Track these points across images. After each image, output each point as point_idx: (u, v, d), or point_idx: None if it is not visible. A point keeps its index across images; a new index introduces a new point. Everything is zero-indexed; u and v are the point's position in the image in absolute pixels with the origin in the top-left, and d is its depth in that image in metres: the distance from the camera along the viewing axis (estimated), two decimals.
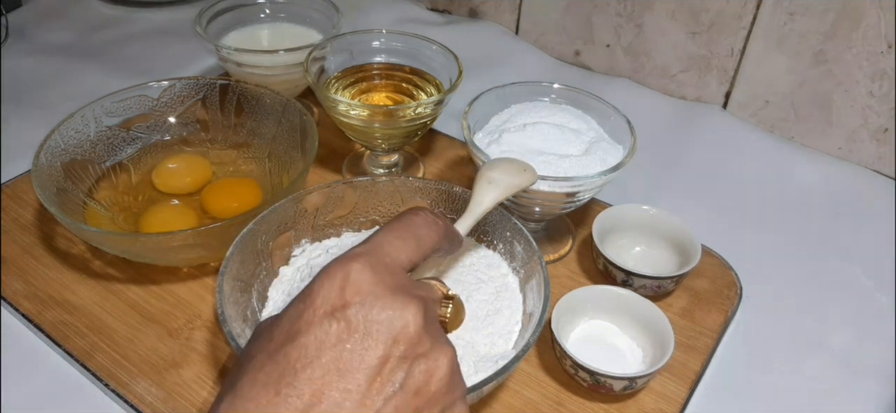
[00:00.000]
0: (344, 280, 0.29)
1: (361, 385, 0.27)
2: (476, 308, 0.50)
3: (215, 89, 0.67)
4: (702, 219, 0.65)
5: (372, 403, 0.27)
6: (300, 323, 0.28)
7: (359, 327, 0.28)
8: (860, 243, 0.67)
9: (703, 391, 0.52)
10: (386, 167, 0.71)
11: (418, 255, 0.33)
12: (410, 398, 0.28)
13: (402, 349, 0.28)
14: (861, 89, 0.72)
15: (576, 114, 0.62)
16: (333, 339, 0.28)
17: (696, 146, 0.78)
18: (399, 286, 0.30)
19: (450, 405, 0.30)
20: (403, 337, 0.28)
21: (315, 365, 0.27)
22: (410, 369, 0.28)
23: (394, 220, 0.34)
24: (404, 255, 0.32)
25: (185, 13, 1.00)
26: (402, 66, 0.70)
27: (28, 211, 0.64)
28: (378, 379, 0.28)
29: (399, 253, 0.32)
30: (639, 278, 0.56)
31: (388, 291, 0.29)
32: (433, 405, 0.29)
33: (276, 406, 0.27)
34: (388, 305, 0.28)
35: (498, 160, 0.49)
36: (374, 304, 0.28)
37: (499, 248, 0.55)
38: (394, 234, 0.32)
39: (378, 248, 0.31)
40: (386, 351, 0.28)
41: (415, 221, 0.34)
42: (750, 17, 0.76)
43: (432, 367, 0.29)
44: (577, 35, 0.90)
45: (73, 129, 0.60)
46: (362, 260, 0.30)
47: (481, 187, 0.46)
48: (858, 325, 0.59)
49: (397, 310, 0.28)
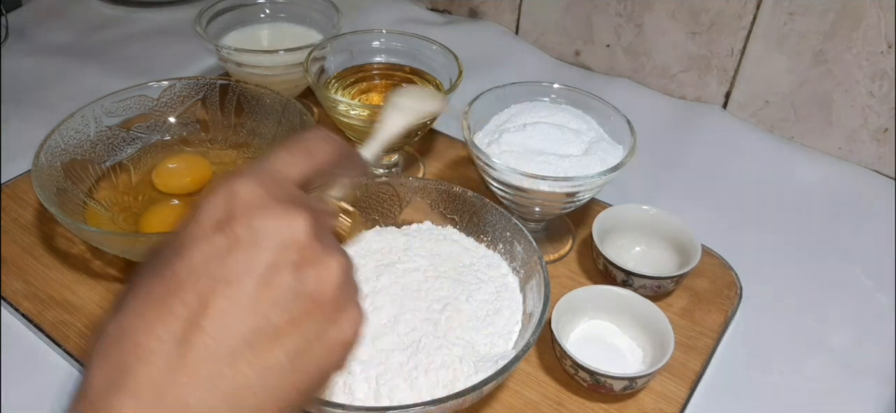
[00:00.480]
0: (229, 194, 0.28)
1: (250, 292, 0.27)
2: (476, 308, 0.50)
3: (215, 89, 0.67)
4: (702, 219, 0.65)
5: (261, 309, 0.27)
6: (187, 239, 0.28)
7: (245, 237, 0.27)
8: (860, 243, 0.67)
9: (703, 391, 0.52)
10: (386, 167, 0.71)
11: (310, 169, 0.32)
12: (301, 303, 0.28)
13: (291, 256, 0.28)
14: (861, 89, 0.72)
15: (576, 114, 0.62)
16: (220, 250, 0.27)
17: (696, 146, 0.78)
18: (287, 197, 0.29)
19: (343, 308, 0.30)
20: (291, 244, 0.28)
21: (202, 276, 0.27)
22: (300, 275, 0.28)
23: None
24: (294, 169, 0.31)
25: (185, 13, 1.00)
26: (402, 66, 0.70)
27: (28, 211, 0.64)
28: (267, 285, 0.27)
29: (288, 167, 0.31)
30: (639, 278, 0.56)
31: (275, 202, 0.29)
32: (325, 310, 0.29)
33: (163, 317, 0.26)
34: (275, 215, 0.28)
35: (408, 87, 0.49)
36: (260, 214, 0.28)
37: (499, 248, 0.55)
38: (283, 150, 0.32)
39: (266, 164, 0.31)
40: (274, 258, 0.27)
41: (306, 137, 0.33)
42: (750, 17, 0.76)
43: (323, 273, 0.29)
44: (577, 35, 0.90)
45: (73, 129, 0.60)
46: (248, 175, 0.29)
47: (388, 114, 0.45)
48: (858, 325, 0.59)
49: (284, 219, 0.28)
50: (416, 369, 0.45)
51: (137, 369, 0.26)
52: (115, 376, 0.26)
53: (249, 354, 0.27)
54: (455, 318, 0.49)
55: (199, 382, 0.26)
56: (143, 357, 0.26)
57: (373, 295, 0.50)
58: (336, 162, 0.34)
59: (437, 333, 0.47)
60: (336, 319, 0.29)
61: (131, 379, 0.25)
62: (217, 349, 0.26)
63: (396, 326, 0.48)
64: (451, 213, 0.57)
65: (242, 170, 0.30)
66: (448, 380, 0.45)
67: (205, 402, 0.26)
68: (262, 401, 0.27)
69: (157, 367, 0.26)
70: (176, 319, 0.26)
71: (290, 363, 0.28)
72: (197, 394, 0.26)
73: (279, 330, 0.27)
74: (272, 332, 0.27)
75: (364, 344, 0.47)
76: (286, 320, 0.28)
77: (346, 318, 0.30)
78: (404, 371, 0.45)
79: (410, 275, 0.52)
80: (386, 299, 0.50)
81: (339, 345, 0.30)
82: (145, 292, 0.27)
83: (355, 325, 0.30)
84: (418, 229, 0.57)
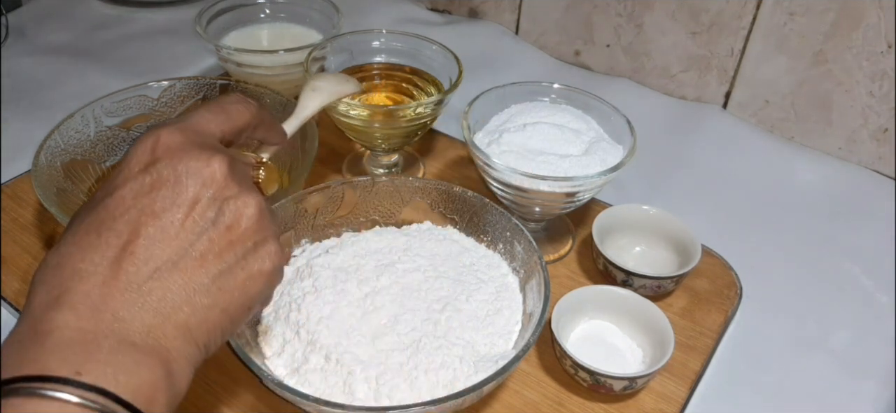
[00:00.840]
0: (154, 142, 0.32)
1: (175, 222, 0.31)
2: (476, 308, 0.50)
3: (215, 89, 0.67)
4: (702, 219, 0.65)
5: (186, 237, 0.31)
6: (117, 181, 0.32)
7: (169, 177, 0.31)
8: (860, 243, 0.67)
9: (703, 391, 0.52)
10: (386, 167, 0.71)
11: (229, 126, 0.36)
12: (222, 232, 0.32)
13: (212, 192, 0.32)
14: (861, 89, 0.72)
15: (576, 114, 0.62)
16: (147, 188, 0.31)
17: (696, 146, 0.78)
18: (206, 144, 0.33)
19: (261, 242, 0.33)
20: (211, 182, 0.32)
21: (132, 210, 0.31)
22: (220, 208, 0.32)
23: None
24: (214, 125, 0.35)
25: (185, 13, 1.00)
26: (402, 66, 0.70)
27: (28, 211, 0.64)
28: (191, 216, 0.31)
29: (208, 123, 0.35)
30: (639, 278, 0.56)
31: (195, 147, 0.32)
32: (244, 240, 0.33)
33: (97, 245, 0.30)
34: (196, 157, 0.32)
35: (323, 74, 0.56)
36: (182, 157, 0.32)
37: (499, 248, 0.55)
38: (204, 108, 0.36)
39: (188, 118, 0.35)
40: (196, 193, 0.31)
41: (225, 99, 0.37)
42: (750, 17, 0.76)
43: (241, 208, 0.32)
44: (577, 35, 0.90)
45: (73, 129, 0.60)
46: (171, 125, 0.33)
47: (306, 95, 0.51)
48: (858, 325, 0.59)
49: (204, 160, 0.32)
50: (416, 369, 0.45)
51: (75, 288, 0.29)
52: (56, 295, 0.29)
53: (176, 275, 0.30)
54: (455, 318, 0.48)
55: (132, 298, 0.29)
56: (80, 278, 0.29)
57: (373, 295, 0.50)
58: (253, 124, 0.38)
59: (437, 333, 0.47)
60: (255, 251, 0.33)
61: (70, 296, 0.29)
62: (146, 270, 0.30)
63: (396, 326, 0.48)
64: (451, 213, 0.57)
65: (166, 122, 0.34)
66: (448, 380, 0.45)
67: (137, 316, 0.29)
68: (188, 317, 0.31)
69: (93, 285, 0.29)
70: (109, 247, 0.30)
71: (214, 285, 0.31)
72: (130, 308, 0.29)
73: (203, 256, 0.31)
74: (197, 257, 0.31)
75: (364, 344, 0.47)
76: (209, 248, 0.31)
77: (265, 251, 0.33)
78: (404, 371, 0.45)
79: (410, 275, 0.52)
80: (386, 299, 0.50)
81: (260, 274, 0.33)
82: (82, 227, 0.31)
83: (274, 258, 0.34)
84: (418, 229, 0.57)
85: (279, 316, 0.49)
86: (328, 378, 0.45)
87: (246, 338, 0.46)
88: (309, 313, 0.48)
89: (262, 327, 0.49)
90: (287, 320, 0.48)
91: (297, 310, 0.49)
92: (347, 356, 0.45)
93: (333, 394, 0.44)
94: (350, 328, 0.48)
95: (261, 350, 0.47)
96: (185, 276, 0.31)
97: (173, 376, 0.30)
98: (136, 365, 0.28)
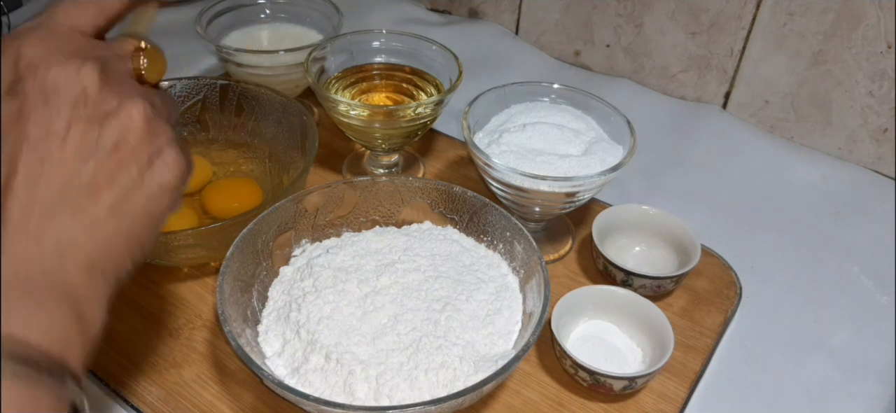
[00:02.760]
0: (15, 55, 0.29)
1: (53, 152, 0.27)
2: (476, 308, 0.50)
3: (215, 89, 0.67)
4: (702, 219, 0.65)
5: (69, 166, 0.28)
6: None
7: (36, 98, 0.28)
8: (860, 243, 0.67)
9: (702, 391, 0.52)
10: (386, 167, 0.71)
11: (100, 18, 0.32)
12: (109, 154, 0.28)
13: (87, 111, 0.28)
14: (861, 89, 0.72)
15: (576, 114, 0.62)
16: (15, 114, 0.28)
17: (696, 146, 0.78)
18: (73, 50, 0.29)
19: (155, 153, 0.30)
20: (83, 99, 0.28)
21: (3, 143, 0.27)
22: (101, 128, 0.28)
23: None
24: (81, 20, 0.31)
25: (185, 13, 1.00)
26: (402, 67, 0.70)
27: None
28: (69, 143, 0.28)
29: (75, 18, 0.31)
30: (639, 278, 0.56)
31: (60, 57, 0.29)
32: (137, 157, 0.29)
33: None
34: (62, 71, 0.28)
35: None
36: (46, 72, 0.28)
37: (499, 248, 0.55)
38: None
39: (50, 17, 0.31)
40: (69, 115, 0.28)
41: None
42: (750, 17, 0.76)
43: (124, 121, 0.29)
44: (577, 35, 0.90)
45: None
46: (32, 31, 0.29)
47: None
48: (858, 325, 0.59)
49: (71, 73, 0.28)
50: (416, 369, 0.45)
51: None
52: None
53: (68, 209, 0.27)
54: (455, 317, 0.49)
55: (27, 240, 0.27)
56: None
57: (373, 295, 0.50)
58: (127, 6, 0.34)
59: (437, 333, 0.47)
60: (151, 165, 0.30)
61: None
62: (34, 208, 0.27)
63: (396, 326, 0.48)
64: (451, 213, 0.57)
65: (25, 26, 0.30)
66: (448, 379, 0.45)
67: (35, 259, 0.27)
68: (90, 252, 0.28)
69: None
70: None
71: (111, 214, 0.28)
72: (26, 251, 0.27)
73: (92, 184, 0.28)
74: (87, 187, 0.28)
75: (364, 344, 0.47)
76: (97, 174, 0.28)
77: (161, 162, 0.30)
78: (404, 371, 0.45)
79: (410, 275, 0.52)
80: (386, 299, 0.50)
81: (160, 188, 0.30)
82: None
83: (172, 167, 0.31)
84: (418, 229, 0.57)
85: (279, 316, 0.49)
86: (328, 378, 0.45)
87: (246, 338, 0.46)
88: (309, 313, 0.48)
89: (262, 327, 0.49)
90: (287, 320, 0.48)
91: (297, 309, 0.49)
92: (347, 356, 0.45)
93: (333, 393, 0.44)
94: (350, 328, 0.48)
95: (261, 350, 0.47)
96: (77, 210, 0.28)
97: (85, 318, 0.28)
98: (43, 311, 0.26)
